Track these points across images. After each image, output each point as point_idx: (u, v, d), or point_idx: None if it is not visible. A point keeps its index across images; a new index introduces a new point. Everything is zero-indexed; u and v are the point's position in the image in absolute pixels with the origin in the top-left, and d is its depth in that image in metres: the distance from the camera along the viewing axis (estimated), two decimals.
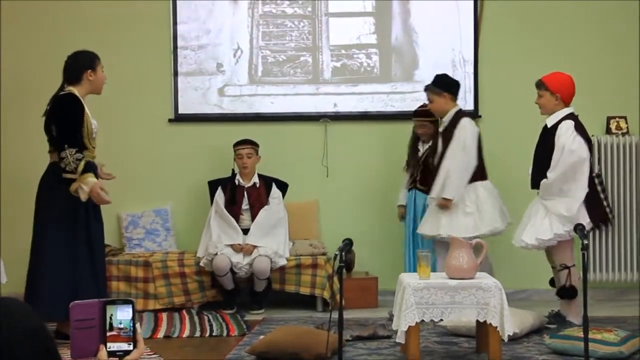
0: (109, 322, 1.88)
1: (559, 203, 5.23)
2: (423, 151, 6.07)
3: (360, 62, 6.71)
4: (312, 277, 6.16)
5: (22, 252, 5.20)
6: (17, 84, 6.48)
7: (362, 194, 6.72)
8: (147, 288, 6.14)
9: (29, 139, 6.17)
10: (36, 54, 6.49)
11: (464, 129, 5.67)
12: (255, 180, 6.33)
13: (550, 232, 5.24)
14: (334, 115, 6.72)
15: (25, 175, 5.15)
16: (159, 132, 6.71)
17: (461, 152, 5.63)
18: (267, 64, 6.73)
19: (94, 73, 5.01)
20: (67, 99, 4.90)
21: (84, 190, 4.79)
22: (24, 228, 5.22)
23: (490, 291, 4.36)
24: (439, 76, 5.93)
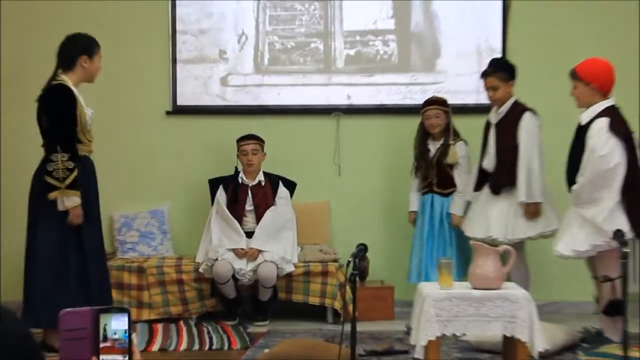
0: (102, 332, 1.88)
1: (593, 211, 5.20)
2: (434, 150, 6.07)
3: (377, 50, 6.71)
4: (322, 286, 6.16)
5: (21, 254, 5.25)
6: (17, 75, 6.53)
7: (378, 195, 6.73)
8: (141, 296, 6.15)
9: (29, 137, 6.20)
10: (35, 35, 6.52)
11: (531, 123, 5.68)
12: (261, 178, 6.34)
13: (587, 243, 5.21)
14: (347, 108, 6.73)
15: (25, 174, 5.17)
16: (155, 125, 6.73)
17: (538, 149, 5.65)
18: (275, 51, 6.74)
19: (90, 60, 5.04)
20: (58, 91, 4.92)
21: (63, 203, 4.83)
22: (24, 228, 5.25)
23: (518, 303, 4.34)
24: (501, 60, 5.94)
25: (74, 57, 5.01)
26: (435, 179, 6.06)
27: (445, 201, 6.05)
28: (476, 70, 6.36)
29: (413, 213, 6.24)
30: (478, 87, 6.15)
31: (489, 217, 5.75)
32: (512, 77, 5.79)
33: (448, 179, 6.05)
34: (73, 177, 4.83)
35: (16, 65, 6.54)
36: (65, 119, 4.88)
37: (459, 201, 6.02)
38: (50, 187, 4.84)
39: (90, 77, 5.10)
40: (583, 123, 5.28)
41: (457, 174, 6.04)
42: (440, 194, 6.06)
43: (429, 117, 6.05)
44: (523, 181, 5.64)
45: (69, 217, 4.88)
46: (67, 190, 4.84)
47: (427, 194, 6.12)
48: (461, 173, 6.04)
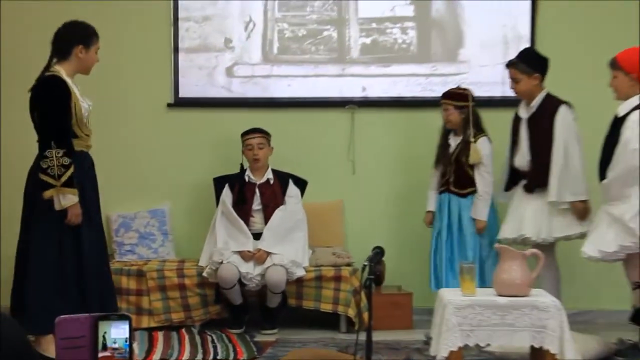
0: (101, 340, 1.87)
1: (622, 209, 5.15)
2: (455, 146, 6.04)
3: (395, 39, 6.70)
4: (335, 292, 6.15)
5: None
6: (18, 74, 6.50)
7: (396, 194, 6.72)
8: (141, 302, 6.14)
9: (31, 138, 6.20)
10: (35, 26, 6.52)
11: (567, 117, 5.64)
12: (269, 176, 6.33)
13: (615, 243, 5.16)
14: (362, 100, 6.72)
15: (26, 174, 5.17)
16: (155, 118, 6.73)
17: (577, 144, 5.62)
18: (284, 40, 6.73)
19: (86, 51, 5.03)
20: (50, 83, 4.91)
21: (60, 202, 4.82)
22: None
23: (548, 311, 4.32)
24: (528, 51, 5.90)
25: (70, 46, 5.01)
26: (453, 177, 6.01)
27: (462, 202, 5.98)
28: (502, 60, 6.34)
29: (430, 213, 6.20)
30: (504, 78, 6.13)
31: (523, 216, 5.72)
32: (538, 70, 5.72)
33: (466, 179, 5.98)
34: (69, 174, 4.82)
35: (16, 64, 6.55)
36: (59, 112, 4.88)
37: (481, 205, 5.95)
38: (45, 186, 4.84)
39: (85, 68, 5.09)
40: (620, 115, 5.23)
41: (479, 174, 5.97)
42: (457, 194, 6.01)
43: (442, 110, 6.05)
44: (555, 179, 5.60)
45: (67, 217, 4.87)
46: (63, 188, 4.83)
47: (444, 194, 6.08)
48: (483, 173, 5.97)
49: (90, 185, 5.09)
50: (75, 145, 4.95)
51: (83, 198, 4.94)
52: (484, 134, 6.00)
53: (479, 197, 5.95)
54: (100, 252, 5.15)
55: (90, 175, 5.11)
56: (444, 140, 6.09)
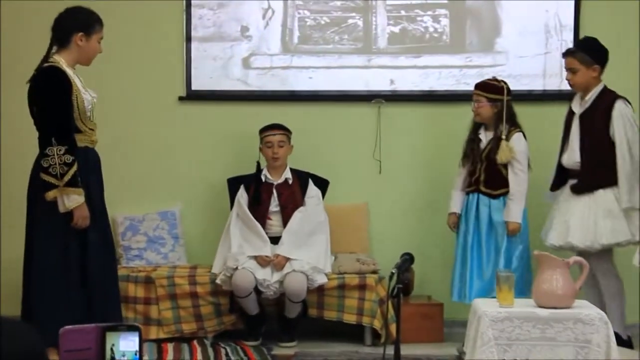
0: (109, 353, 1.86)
1: None
2: (486, 142, 5.96)
3: (425, 27, 6.69)
4: (360, 302, 6.14)
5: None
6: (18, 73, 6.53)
7: (426, 196, 6.71)
8: (149, 311, 6.16)
9: (32, 139, 6.24)
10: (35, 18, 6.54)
11: (625, 113, 5.60)
12: (287, 175, 6.34)
13: None
14: (390, 94, 6.72)
15: (27, 175, 5.19)
16: (166, 113, 6.74)
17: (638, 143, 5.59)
18: (306, 28, 6.73)
19: (87, 39, 5.01)
20: (49, 74, 4.91)
21: (64, 203, 4.82)
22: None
23: (592, 325, 4.31)
24: (588, 40, 5.84)
25: (69, 34, 5.00)
26: (483, 176, 5.94)
27: (493, 204, 5.91)
28: (543, 51, 6.37)
29: (454, 215, 6.12)
30: (545, 70, 6.12)
31: (569, 220, 5.68)
32: (598, 61, 5.68)
33: (499, 178, 5.88)
34: (72, 172, 4.82)
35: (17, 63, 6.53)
36: (59, 106, 4.87)
37: (514, 206, 5.84)
38: (47, 186, 4.84)
39: (85, 59, 5.08)
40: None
41: (512, 173, 5.88)
42: (487, 195, 5.93)
43: (473, 100, 5.96)
44: (625, 182, 5.55)
45: (74, 220, 4.86)
46: (67, 188, 4.82)
47: (473, 194, 5.99)
48: (517, 172, 5.87)
49: (96, 185, 5.08)
50: (79, 141, 4.94)
51: (88, 198, 4.93)
52: (518, 129, 5.89)
53: (511, 197, 5.86)
54: (106, 257, 5.14)
55: (95, 173, 5.10)
56: (473, 134, 6.00)
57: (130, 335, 1.89)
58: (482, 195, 5.94)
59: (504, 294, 4.48)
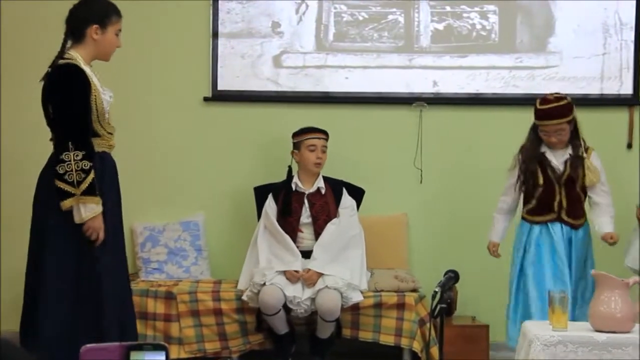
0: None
1: None
2: (560, 164, 5.67)
3: (472, 24, 6.69)
4: (398, 322, 6.13)
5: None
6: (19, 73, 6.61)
7: (470, 208, 6.70)
8: (169, 329, 6.17)
9: (33, 140, 6.29)
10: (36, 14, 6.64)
11: None
12: (320, 184, 6.34)
13: None
14: (432, 97, 6.72)
15: (27, 179, 5.22)
16: (189, 115, 6.77)
17: None
18: (342, 24, 6.74)
19: (102, 32, 4.97)
20: (66, 72, 4.89)
21: (80, 213, 4.81)
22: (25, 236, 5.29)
23: None
24: None
25: (83, 26, 4.96)
26: (566, 204, 5.70)
27: (574, 236, 5.70)
28: (600, 51, 6.35)
29: (496, 245, 5.95)
30: (603, 72, 6.09)
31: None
32: None
33: (579, 205, 5.72)
34: (90, 179, 4.80)
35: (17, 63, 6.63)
36: (78, 107, 4.84)
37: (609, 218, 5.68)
38: (62, 194, 4.82)
39: (103, 54, 5.02)
40: None
41: (598, 194, 5.70)
42: (570, 225, 5.71)
43: (546, 133, 5.64)
44: None
45: (87, 231, 4.85)
46: (84, 197, 4.80)
47: (553, 223, 5.70)
48: (603, 193, 5.72)
49: (112, 192, 5.06)
50: (96, 146, 4.91)
51: (104, 208, 4.92)
52: (587, 145, 5.73)
53: (606, 210, 5.70)
54: (121, 271, 5.13)
55: (112, 180, 5.08)
56: (536, 154, 5.70)
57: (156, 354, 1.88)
58: (564, 225, 5.72)
59: (557, 316, 4.45)
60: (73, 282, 4.90)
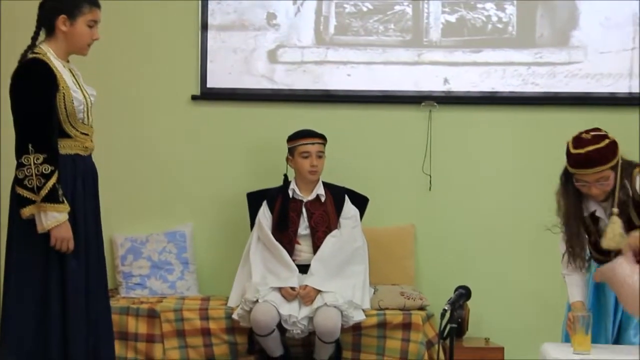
0: None
1: None
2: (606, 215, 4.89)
3: (487, 16, 6.72)
4: (404, 343, 6.11)
5: None
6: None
7: (484, 219, 6.71)
8: (152, 351, 6.15)
9: None
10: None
11: None
12: (320, 191, 6.34)
13: None
14: (443, 96, 6.74)
15: None
16: (176, 115, 6.77)
17: None
18: (343, 16, 6.75)
19: (71, 23, 4.95)
20: (28, 68, 4.87)
21: (42, 222, 4.77)
22: None
23: None
24: None
25: (52, 17, 4.96)
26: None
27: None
28: (629, 46, 6.43)
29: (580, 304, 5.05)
30: (632, 69, 6.12)
31: None
32: None
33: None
34: (50, 185, 4.76)
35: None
36: (38, 106, 4.82)
37: None
38: (22, 201, 4.78)
39: (75, 46, 4.99)
40: None
41: None
42: None
43: (585, 183, 4.80)
44: None
45: (52, 241, 4.81)
46: (45, 204, 4.76)
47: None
48: None
49: (85, 200, 5.02)
50: (67, 148, 4.88)
51: (73, 217, 4.86)
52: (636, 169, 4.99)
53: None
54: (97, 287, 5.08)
55: (86, 186, 5.03)
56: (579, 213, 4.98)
57: None
58: None
59: (579, 338, 4.42)
60: (38, 301, 4.86)
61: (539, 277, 6.28)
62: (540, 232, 4.97)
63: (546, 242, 5.01)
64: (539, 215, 4.93)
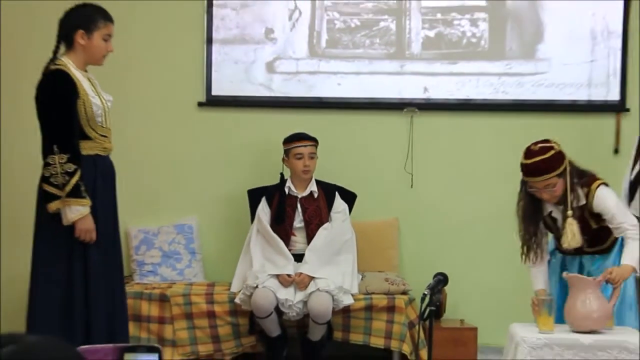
0: None
1: None
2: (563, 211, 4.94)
3: (463, 32, 6.70)
4: (388, 324, 6.13)
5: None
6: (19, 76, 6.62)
7: (460, 213, 6.71)
8: (163, 331, 6.17)
9: (31, 134, 6.28)
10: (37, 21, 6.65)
11: None
12: (313, 188, 6.35)
13: None
14: (423, 103, 6.72)
15: (27, 183, 5.24)
16: (184, 119, 6.77)
17: None
18: (334, 31, 6.74)
19: (88, 37, 4.99)
20: (50, 78, 4.91)
21: (67, 215, 4.84)
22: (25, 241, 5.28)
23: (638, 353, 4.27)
24: None
25: (71, 32, 4.99)
26: (590, 240, 4.93)
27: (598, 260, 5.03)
28: (589, 58, 6.35)
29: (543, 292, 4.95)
30: (591, 79, 6.08)
31: None
32: None
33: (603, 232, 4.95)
34: (74, 182, 4.82)
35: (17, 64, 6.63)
36: (60, 112, 4.85)
37: (635, 246, 4.80)
38: (49, 197, 4.85)
39: (92, 58, 5.04)
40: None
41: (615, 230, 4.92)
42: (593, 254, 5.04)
43: (536, 189, 4.87)
44: None
45: (76, 233, 4.87)
46: (69, 199, 4.82)
47: (571, 256, 5.08)
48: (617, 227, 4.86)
49: (105, 195, 5.08)
50: (88, 149, 4.93)
51: (94, 210, 4.94)
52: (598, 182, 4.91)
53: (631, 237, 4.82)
54: (114, 273, 5.14)
55: (105, 183, 5.09)
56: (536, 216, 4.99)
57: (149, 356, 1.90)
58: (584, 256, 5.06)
59: (543, 319, 4.46)
60: (64, 287, 4.91)
61: (510, 265, 6.10)
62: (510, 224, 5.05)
63: (515, 233, 5.03)
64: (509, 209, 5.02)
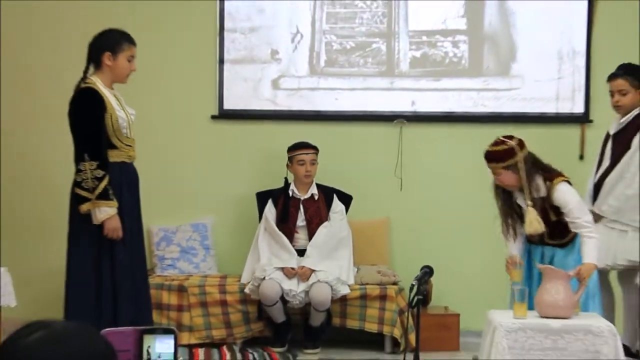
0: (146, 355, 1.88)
1: None
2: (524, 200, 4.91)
3: (445, 52, 6.69)
4: (380, 312, 6.14)
5: (29, 269, 5.25)
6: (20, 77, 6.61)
7: (444, 212, 6.70)
8: (181, 318, 6.18)
9: (31, 134, 6.26)
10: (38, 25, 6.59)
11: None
12: (314, 191, 6.36)
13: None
14: (411, 115, 6.72)
15: (27, 183, 5.23)
16: (199, 130, 6.77)
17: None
18: (332, 52, 6.75)
19: (114, 58, 5.03)
20: (81, 95, 4.96)
21: (96, 215, 4.86)
22: (28, 241, 5.27)
23: (602, 336, 4.30)
24: (632, 65, 5.69)
25: (98, 54, 5.04)
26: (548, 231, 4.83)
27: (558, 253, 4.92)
28: (556, 75, 6.37)
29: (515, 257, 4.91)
30: (558, 94, 6.09)
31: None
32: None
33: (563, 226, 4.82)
34: (103, 186, 4.85)
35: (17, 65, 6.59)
36: (90, 124, 4.90)
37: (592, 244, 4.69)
38: (80, 200, 4.88)
39: (118, 77, 5.08)
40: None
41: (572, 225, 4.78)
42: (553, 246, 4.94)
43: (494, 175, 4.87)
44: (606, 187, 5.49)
45: (104, 231, 4.89)
46: (99, 201, 4.85)
47: (535, 245, 5.00)
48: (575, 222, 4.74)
49: (129, 198, 5.10)
50: (114, 157, 4.96)
51: (121, 211, 4.96)
52: (561, 179, 4.79)
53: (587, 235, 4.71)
54: (139, 267, 5.16)
55: (129, 187, 5.10)
56: (508, 201, 4.93)
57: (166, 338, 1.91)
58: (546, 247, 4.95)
59: (517, 307, 4.48)
60: (94, 280, 4.94)
61: (489, 258, 6.24)
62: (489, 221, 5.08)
63: (494, 229, 5.05)
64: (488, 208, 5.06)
